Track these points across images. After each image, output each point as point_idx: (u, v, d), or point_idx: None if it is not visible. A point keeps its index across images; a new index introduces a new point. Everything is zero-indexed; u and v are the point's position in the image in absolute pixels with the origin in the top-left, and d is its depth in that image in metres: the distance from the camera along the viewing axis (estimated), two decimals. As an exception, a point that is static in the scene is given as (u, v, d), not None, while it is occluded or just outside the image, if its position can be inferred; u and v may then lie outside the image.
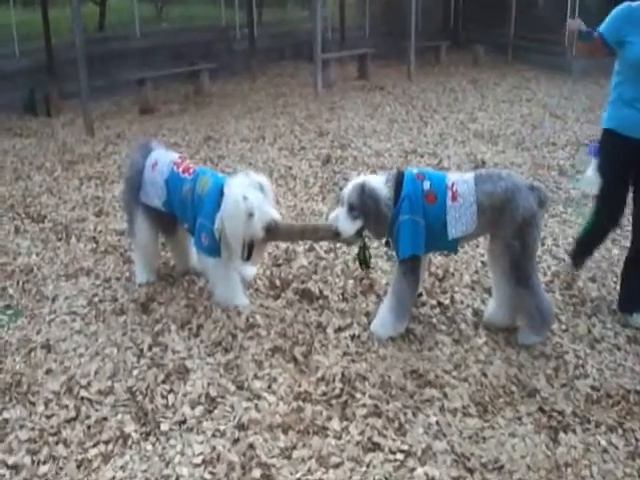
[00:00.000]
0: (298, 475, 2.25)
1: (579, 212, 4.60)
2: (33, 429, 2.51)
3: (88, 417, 2.57)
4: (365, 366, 2.85)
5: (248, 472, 2.25)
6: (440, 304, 3.38)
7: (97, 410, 2.61)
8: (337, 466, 2.30)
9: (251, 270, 3.60)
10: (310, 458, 2.33)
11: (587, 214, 3.74)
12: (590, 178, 3.46)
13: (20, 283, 3.70)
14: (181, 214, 3.30)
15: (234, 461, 2.30)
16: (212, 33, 10.08)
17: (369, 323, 3.16)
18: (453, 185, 2.90)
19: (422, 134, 6.79)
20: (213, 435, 2.43)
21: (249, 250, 3.12)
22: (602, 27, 3.16)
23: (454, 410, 2.59)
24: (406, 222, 2.86)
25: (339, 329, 3.15)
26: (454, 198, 2.87)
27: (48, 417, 2.58)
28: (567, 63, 10.00)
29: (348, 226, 2.88)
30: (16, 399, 2.69)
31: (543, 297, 2.98)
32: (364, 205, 2.84)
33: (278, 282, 3.60)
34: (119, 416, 2.56)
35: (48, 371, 2.87)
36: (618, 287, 3.42)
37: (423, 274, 3.33)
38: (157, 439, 2.43)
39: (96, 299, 3.47)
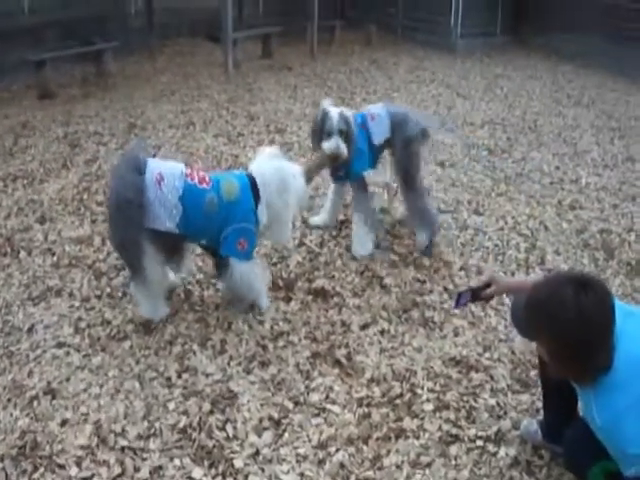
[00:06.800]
0: (400, 485, 2.14)
1: (520, 189, 4.80)
2: (79, 499, 2.08)
3: (138, 470, 2.20)
4: (406, 360, 2.82)
5: (350, 493, 2.10)
6: (446, 289, 3.41)
7: (145, 459, 2.25)
8: (429, 465, 2.26)
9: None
10: (403, 463, 2.25)
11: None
12: None
13: (-25, 314, 3.08)
14: (201, 230, 2.90)
15: (330, 485, 2.13)
16: (105, 7, 9.02)
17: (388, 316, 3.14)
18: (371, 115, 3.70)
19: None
20: (297, 461, 2.23)
21: None
22: None
23: (503, 389, 2.67)
24: (359, 149, 3.56)
25: (364, 326, 3.06)
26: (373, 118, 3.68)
27: (87, 480, 2.16)
28: (452, 43, 10.47)
29: (345, 148, 3.44)
30: (40, 465, 2.22)
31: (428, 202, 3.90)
32: (349, 128, 3.42)
33: (281, 282, 3.38)
34: (176, 461, 2.23)
35: (64, 422, 2.41)
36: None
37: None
38: (235, 479, 2.16)
39: (83, 324, 3.01)
